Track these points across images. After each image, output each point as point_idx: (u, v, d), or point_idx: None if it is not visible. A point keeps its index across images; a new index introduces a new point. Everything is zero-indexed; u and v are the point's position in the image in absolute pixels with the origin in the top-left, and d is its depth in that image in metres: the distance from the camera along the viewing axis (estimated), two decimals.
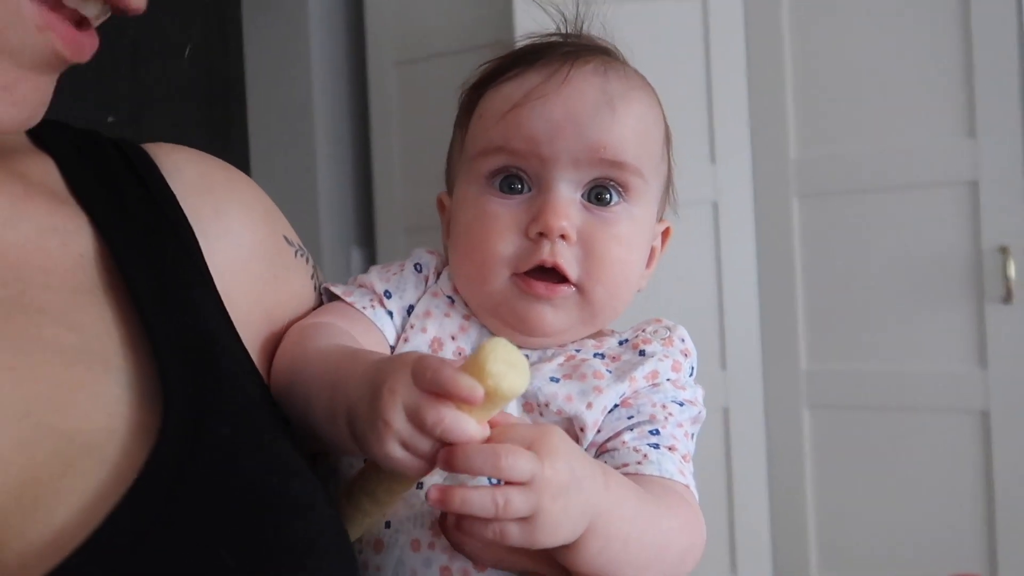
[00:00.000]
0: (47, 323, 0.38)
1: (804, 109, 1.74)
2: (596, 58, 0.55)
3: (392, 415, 0.39)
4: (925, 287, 1.64)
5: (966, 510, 1.61)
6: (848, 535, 1.72)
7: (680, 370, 0.54)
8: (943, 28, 1.61)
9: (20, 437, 0.35)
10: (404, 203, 2.13)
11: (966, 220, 1.60)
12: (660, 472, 0.49)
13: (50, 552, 0.33)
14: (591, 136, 0.52)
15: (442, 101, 2.38)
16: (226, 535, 0.36)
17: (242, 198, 0.53)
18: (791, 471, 1.75)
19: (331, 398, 0.43)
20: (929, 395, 1.64)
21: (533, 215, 0.53)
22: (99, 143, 0.49)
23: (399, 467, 0.40)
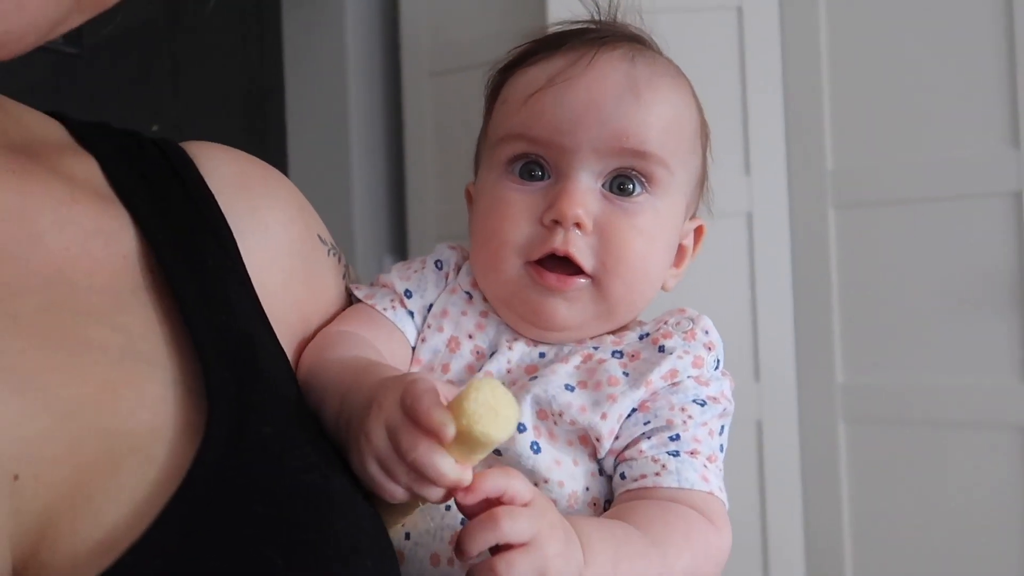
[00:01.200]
0: (93, 324, 0.39)
1: (840, 119, 1.71)
2: (625, 44, 0.54)
3: (374, 431, 0.39)
4: (964, 299, 1.61)
5: (1007, 527, 1.57)
6: (884, 553, 1.69)
7: (703, 365, 0.52)
8: (985, 36, 1.58)
9: (69, 437, 0.35)
10: (437, 212, 2.15)
11: (1009, 231, 1.57)
12: (679, 483, 0.47)
13: (101, 552, 0.33)
14: (613, 123, 0.50)
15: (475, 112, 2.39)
16: (273, 535, 0.36)
17: (278, 196, 0.53)
18: (826, 486, 1.72)
19: (339, 410, 0.44)
20: (969, 409, 1.61)
21: (549, 202, 0.51)
22: (140, 143, 0.50)
23: (375, 486, 0.39)
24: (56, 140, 0.47)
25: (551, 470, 0.48)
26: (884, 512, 1.69)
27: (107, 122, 0.50)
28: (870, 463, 1.70)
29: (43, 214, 0.41)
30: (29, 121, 0.47)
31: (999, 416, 1.58)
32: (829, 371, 1.72)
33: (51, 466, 0.34)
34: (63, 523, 0.34)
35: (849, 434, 1.72)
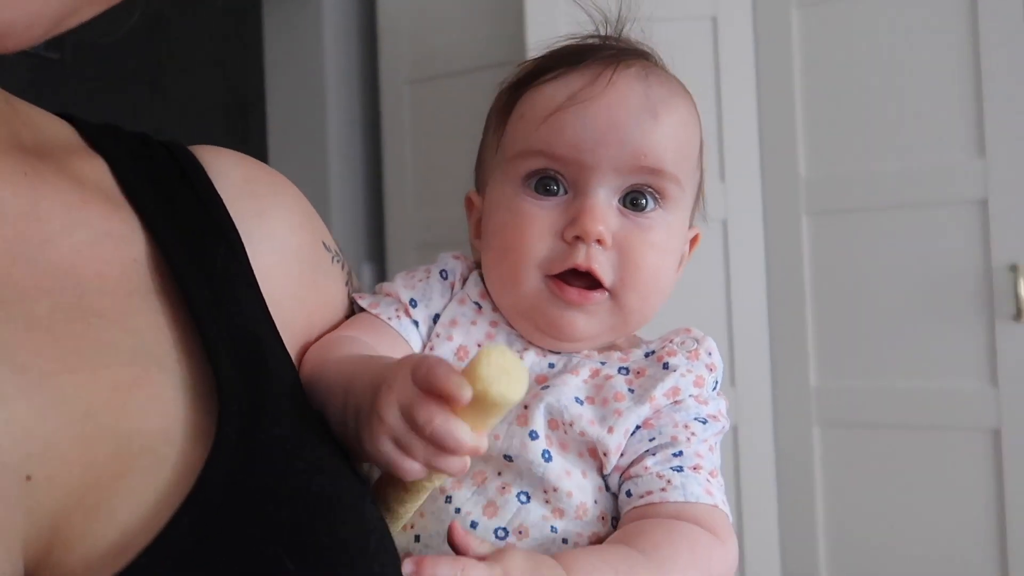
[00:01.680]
0: (104, 326, 0.39)
1: (813, 128, 1.75)
2: (638, 62, 0.55)
3: (386, 410, 0.39)
4: (935, 305, 1.64)
5: (977, 529, 1.60)
6: (858, 553, 1.71)
7: (703, 385, 0.53)
8: (952, 50, 1.62)
9: (82, 438, 0.35)
10: (415, 219, 2.15)
11: (976, 239, 1.61)
12: (685, 497, 0.48)
13: (114, 554, 0.33)
14: (633, 143, 0.52)
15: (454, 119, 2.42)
16: (284, 537, 0.36)
17: (285, 203, 0.53)
18: (801, 489, 1.75)
19: (343, 403, 0.44)
20: (940, 413, 1.64)
21: (570, 218, 0.52)
22: (149, 146, 0.50)
23: (391, 466, 0.39)
24: (67, 142, 0.47)
25: (561, 479, 0.49)
26: (858, 514, 1.72)
27: (117, 125, 0.51)
28: (844, 466, 1.73)
29: (54, 216, 0.41)
30: (40, 122, 0.47)
31: (969, 419, 1.61)
32: (803, 375, 1.75)
33: (64, 467, 0.34)
34: (76, 524, 0.34)
35: (823, 437, 1.74)
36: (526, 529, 0.48)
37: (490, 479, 0.49)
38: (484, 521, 0.48)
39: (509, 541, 0.48)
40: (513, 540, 0.48)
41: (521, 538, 0.48)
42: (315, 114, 2.19)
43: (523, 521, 0.48)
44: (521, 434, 0.49)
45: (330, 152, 2.19)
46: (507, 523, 0.48)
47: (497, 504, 0.49)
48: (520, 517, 0.49)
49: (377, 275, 2.24)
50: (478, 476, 0.50)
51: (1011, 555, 1.57)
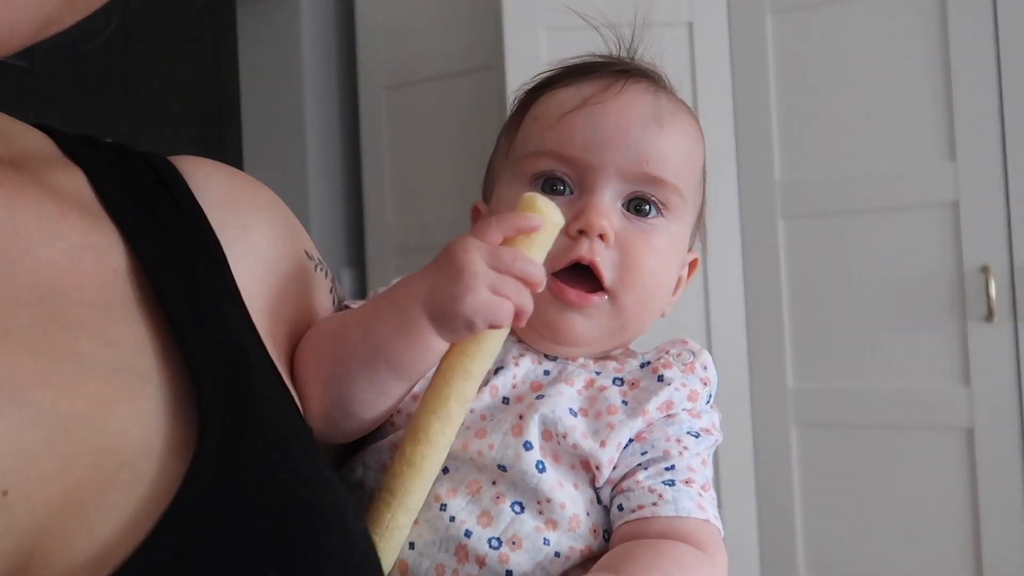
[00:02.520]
0: (84, 338, 0.39)
1: (788, 133, 1.77)
2: (648, 79, 0.57)
3: (476, 266, 0.45)
4: (909, 306, 1.67)
5: (952, 526, 1.63)
6: (836, 552, 1.73)
7: (697, 399, 0.53)
8: (923, 53, 1.65)
9: (61, 452, 0.35)
10: (394, 224, 2.15)
11: (948, 240, 1.63)
12: (676, 511, 0.48)
13: (93, 569, 0.33)
14: (638, 149, 0.53)
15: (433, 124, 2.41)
16: (265, 552, 0.36)
17: (267, 214, 0.53)
18: (779, 489, 1.76)
19: (363, 338, 0.47)
20: (914, 413, 1.66)
21: (574, 214, 0.53)
22: (128, 157, 0.49)
23: (491, 311, 0.45)
24: (43, 153, 0.46)
25: (554, 490, 0.49)
26: (835, 512, 1.73)
27: (94, 136, 0.50)
28: (821, 466, 1.75)
29: (32, 229, 0.40)
30: (16, 133, 0.46)
31: (943, 419, 1.64)
32: (780, 377, 1.77)
33: (42, 482, 0.34)
34: (54, 540, 0.33)
35: (800, 438, 1.76)
36: (519, 540, 0.48)
37: (484, 489, 0.49)
38: (478, 530, 0.48)
39: (503, 552, 0.48)
40: (507, 551, 0.48)
41: (514, 548, 0.48)
42: (293, 120, 2.18)
43: (516, 531, 0.48)
44: (516, 444, 0.49)
45: (308, 158, 2.18)
46: (501, 533, 0.48)
47: (491, 514, 0.49)
48: (514, 527, 0.49)
49: (357, 280, 2.24)
50: (472, 485, 0.50)
51: (985, 552, 1.60)
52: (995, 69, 1.59)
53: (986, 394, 1.59)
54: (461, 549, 0.48)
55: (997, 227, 1.59)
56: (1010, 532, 1.58)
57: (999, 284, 1.58)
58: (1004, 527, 1.58)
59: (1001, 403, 1.59)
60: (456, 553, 0.48)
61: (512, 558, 0.48)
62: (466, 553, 0.48)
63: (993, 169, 1.59)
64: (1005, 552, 1.58)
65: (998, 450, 1.59)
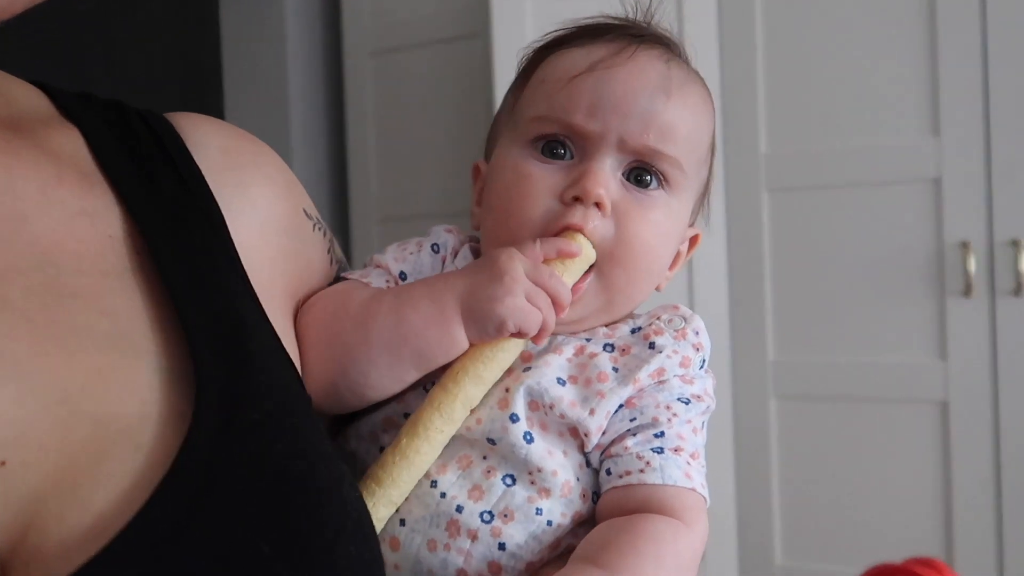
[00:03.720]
0: (80, 308, 0.38)
1: (775, 106, 1.77)
2: (662, 47, 0.55)
3: (518, 273, 0.48)
4: (889, 281, 1.68)
5: (926, 497, 1.66)
6: (812, 521, 1.76)
7: (689, 365, 0.53)
8: (909, 30, 1.65)
9: (57, 423, 0.35)
10: (378, 194, 2.14)
11: (929, 216, 1.65)
12: (663, 480, 0.49)
13: (90, 538, 0.33)
14: (642, 118, 0.52)
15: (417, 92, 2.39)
16: (260, 523, 0.36)
17: (266, 171, 0.52)
18: (757, 459, 1.79)
19: (424, 309, 0.49)
20: (891, 386, 1.69)
21: (571, 180, 0.52)
22: (125, 114, 0.48)
23: (523, 316, 0.48)
24: (41, 112, 0.45)
25: (544, 460, 0.49)
26: (812, 482, 1.77)
27: (90, 92, 0.49)
28: (799, 436, 1.77)
29: (29, 194, 0.40)
30: (13, 92, 0.45)
31: (918, 392, 1.66)
32: (761, 349, 1.78)
33: (39, 452, 0.34)
34: (51, 509, 0.34)
35: (779, 409, 1.78)
36: (511, 512, 0.49)
37: (475, 463, 0.50)
38: (470, 505, 0.48)
39: (495, 525, 0.48)
40: (499, 524, 0.48)
41: (506, 521, 0.48)
42: (276, 86, 2.15)
43: (508, 504, 0.49)
44: (502, 418, 0.49)
45: (292, 125, 2.15)
46: (492, 506, 0.49)
47: (483, 488, 0.49)
48: (505, 500, 0.49)
49: (342, 249, 2.23)
50: (463, 460, 0.50)
51: (956, 521, 1.63)
52: (981, 46, 1.59)
53: (961, 369, 1.62)
54: (453, 524, 0.48)
55: (978, 203, 1.61)
56: (981, 505, 1.61)
57: (978, 260, 1.60)
58: (976, 498, 1.62)
59: (976, 378, 1.61)
60: (447, 528, 0.48)
61: (504, 531, 0.48)
62: (458, 528, 0.48)
63: (976, 146, 1.60)
64: (976, 522, 1.62)
65: (972, 424, 1.62)
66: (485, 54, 1.83)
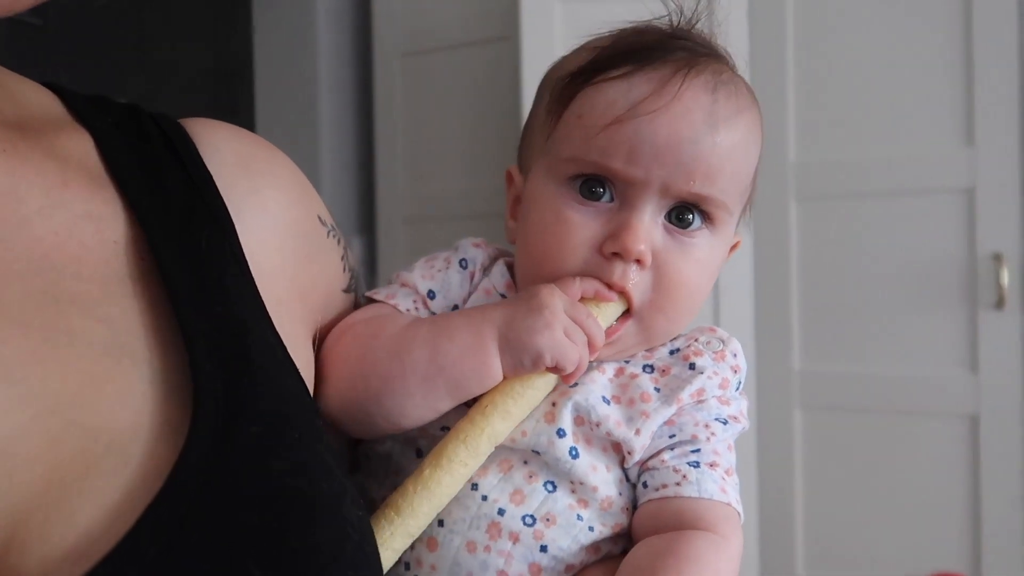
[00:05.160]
0: (77, 314, 0.37)
1: (804, 113, 1.75)
2: (709, 68, 0.52)
3: (558, 308, 0.49)
4: (919, 292, 1.66)
5: (953, 513, 1.63)
6: (835, 535, 1.74)
7: (727, 387, 0.53)
8: (944, 36, 1.63)
9: (47, 433, 0.34)
10: (405, 193, 2.15)
11: (962, 227, 1.62)
12: (699, 493, 0.49)
13: (73, 559, 0.32)
14: (687, 166, 0.50)
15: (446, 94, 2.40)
16: (254, 546, 0.35)
17: (279, 177, 0.51)
18: (781, 470, 1.77)
19: (461, 339, 0.49)
20: (920, 399, 1.66)
21: (611, 231, 0.51)
22: (139, 119, 0.48)
23: (560, 351, 0.48)
24: (52, 115, 0.45)
25: (588, 475, 0.50)
26: (836, 495, 1.74)
27: (106, 95, 0.49)
28: (824, 448, 1.75)
29: (33, 197, 0.39)
30: (24, 94, 0.45)
31: (948, 406, 1.64)
32: (787, 359, 1.76)
33: (26, 464, 0.33)
34: (34, 525, 0.32)
35: (804, 420, 1.76)
36: (553, 517, 0.49)
37: (516, 467, 0.50)
38: (511, 508, 0.49)
39: (537, 528, 0.49)
40: (541, 527, 0.49)
41: (549, 525, 0.49)
42: (306, 86, 2.16)
43: (550, 509, 0.49)
44: (549, 431, 0.50)
45: (321, 125, 2.17)
46: (535, 511, 0.49)
47: (524, 492, 0.49)
48: (547, 506, 0.49)
49: (367, 248, 2.24)
50: (504, 464, 0.50)
51: (984, 539, 1.60)
52: (1018, 55, 1.57)
53: (993, 382, 1.59)
54: (494, 526, 0.48)
55: (1012, 214, 1.58)
56: (1010, 521, 1.58)
57: (1011, 272, 1.57)
58: (1005, 515, 1.59)
59: (1008, 391, 1.58)
60: (488, 530, 0.48)
61: (547, 534, 0.49)
62: (499, 530, 0.48)
63: (1011, 155, 1.57)
64: (1004, 540, 1.59)
65: (1003, 438, 1.59)
66: (514, 57, 1.83)
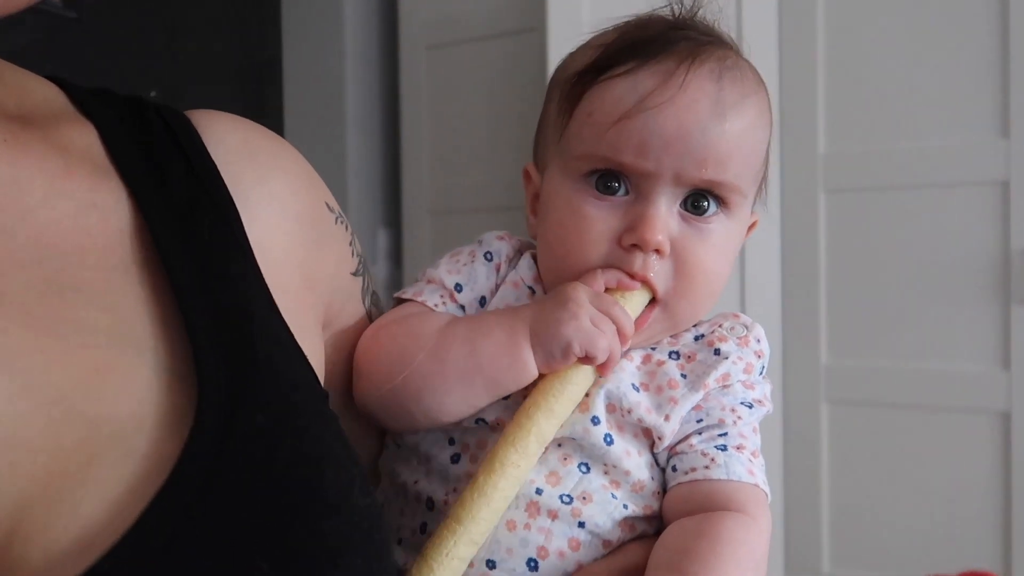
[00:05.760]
0: (81, 303, 0.37)
1: (835, 104, 1.73)
2: (713, 56, 0.53)
3: (582, 299, 0.50)
4: (950, 286, 1.63)
5: (983, 510, 1.61)
6: (861, 531, 1.72)
7: (752, 371, 0.55)
8: (979, 26, 1.59)
9: (50, 423, 0.34)
10: (431, 186, 2.15)
11: (996, 220, 1.59)
12: (728, 475, 0.50)
13: (77, 551, 0.32)
14: (697, 154, 0.51)
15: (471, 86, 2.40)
16: (260, 538, 0.35)
17: (285, 165, 0.51)
18: (807, 465, 1.75)
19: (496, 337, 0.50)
20: (950, 394, 1.64)
21: (629, 223, 0.52)
22: (143, 111, 0.48)
23: (588, 338, 0.49)
24: (55, 107, 0.45)
25: (622, 459, 0.51)
26: (863, 490, 1.72)
27: (109, 88, 0.49)
28: (851, 443, 1.73)
29: (35, 187, 0.39)
30: (28, 87, 0.45)
31: (979, 402, 1.61)
32: (814, 352, 1.75)
33: (29, 454, 0.33)
34: (37, 516, 0.32)
35: (831, 414, 1.75)
36: (589, 496, 0.50)
37: (551, 450, 0.51)
38: (548, 488, 0.50)
39: (575, 506, 0.50)
40: (578, 505, 0.50)
41: (585, 503, 0.50)
42: (333, 78, 2.18)
43: (586, 488, 0.51)
44: (584, 420, 0.51)
45: (347, 117, 2.18)
46: (571, 490, 0.51)
47: (560, 474, 0.51)
48: (583, 485, 0.51)
49: (392, 240, 2.25)
50: None
51: (1016, 538, 1.58)
52: None
53: None
54: (532, 505, 0.50)
55: None
56: None
57: None
58: None
59: None
60: (527, 509, 0.50)
61: (584, 511, 0.50)
62: (537, 508, 0.50)
63: None
64: None
65: None
66: (541, 49, 1.83)
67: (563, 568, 0.49)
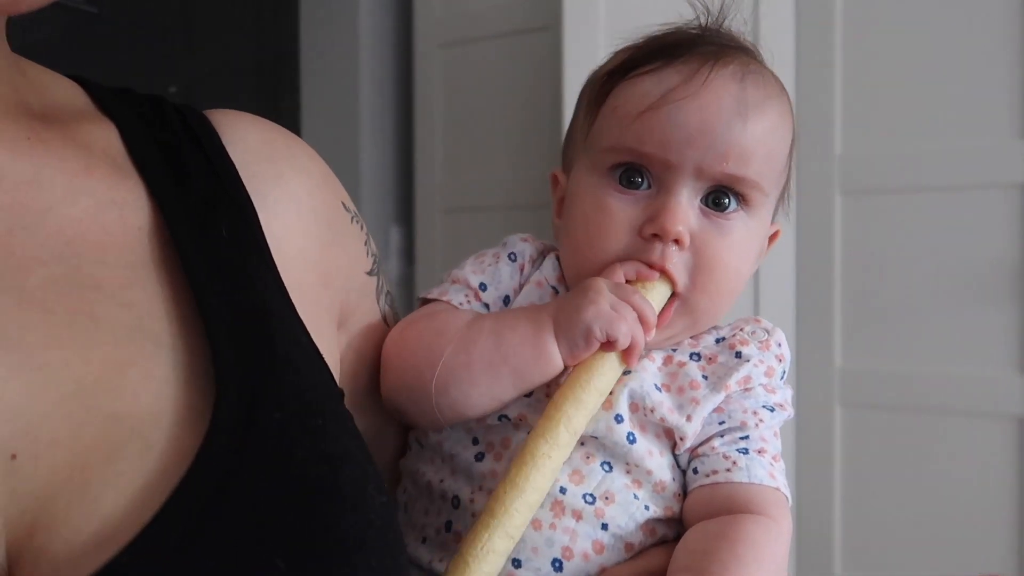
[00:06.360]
0: (101, 300, 0.38)
1: (851, 104, 1.71)
2: (736, 60, 0.54)
3: (602, 288, 0.51)
4: (966, 289, 1.62)
5: (997, 515, 1.59)
6: (875, 536, 1.71)
7: (773, 375, 0.55)
8: (996, 28, 1.58)
9: (71, 418, 0.34)
10: (444, 184, 2.15)
11: (1013, 223, 1.57)
12: (749, 479, 0.51)
13: (98, 543, 0.32)
14: (719, 148, 0.52)
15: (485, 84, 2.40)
16: (276, 536, 0.35)
17: (303, 165, 0.52)
18: (820, 468, 1.74)
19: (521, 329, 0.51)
20: (965, 399, 1.62)
21: (650, 215, 0.53)
22: (163, 110, 0.48)
23: (608, 322, 0.50)
24: (76, 106, 0.45)
25: (644, 458, 0.52)
26: (876, 494, 1.71)
27: (130, 88, 0.50)
28: (864, 447, 1.72)
29: (56, 184, 0.40)
30: (50, 85, 0.45)
31: (995, 406, 1.60)
32: (828, 355, 1.74)
33: (50, 447, 0.33)
34: (59, 509, 0.33)
35: (845, 417, 1.74)
36: (612, 495, 0.51)
37: (575, 449, 0.51)
38: (572, 487, 0.51)
39: (598, 506, 0.50)
40: (601, 505, 0.50)
41: (608, 503, 0.51)
42: (348, 76, 2.19)
43: (608, 488, 0.51)
44: (607, 418, 0.52)
45: (361, 114, 2.19)
46: (593, 489, 0.51)
47: (583, 472, 0.51)
48: (606, 484, 0.51)
49: (405, 238, 2.25)
50: None
51: None
52: None
53: None
54: (557, 504, 0.50)
55: None
56: None
57: None
58: None
59: None
60: (552, 508, 0.50)
61: (607, 512, 0.51)
62: (562, 508, 0.50)
63: None
64: None
65: None
66: (555, 47, 1.83)
67: (587, 570, 0.50)
